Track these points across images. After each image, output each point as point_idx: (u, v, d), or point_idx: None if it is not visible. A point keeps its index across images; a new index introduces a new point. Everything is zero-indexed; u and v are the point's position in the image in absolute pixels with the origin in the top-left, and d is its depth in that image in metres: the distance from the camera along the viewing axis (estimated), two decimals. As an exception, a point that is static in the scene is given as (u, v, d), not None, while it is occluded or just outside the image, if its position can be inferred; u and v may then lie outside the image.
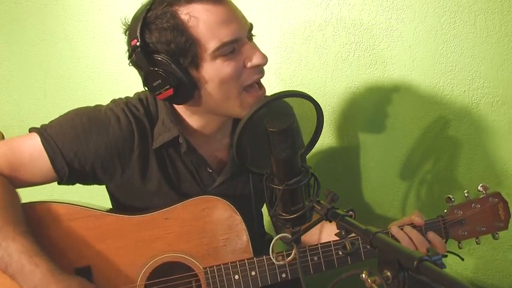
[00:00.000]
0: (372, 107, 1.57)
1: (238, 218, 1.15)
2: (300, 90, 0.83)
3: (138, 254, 1.13)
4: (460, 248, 1.21)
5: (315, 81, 1.60)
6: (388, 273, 0.67)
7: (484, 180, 1.22)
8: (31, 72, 1.86)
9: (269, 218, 1.45)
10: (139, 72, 1.08)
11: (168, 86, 1.02)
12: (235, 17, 1.04)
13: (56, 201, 1.14)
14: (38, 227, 1.09)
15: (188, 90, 1.04)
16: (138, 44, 1.01)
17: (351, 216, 0.76)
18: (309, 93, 0.78)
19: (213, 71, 1.03)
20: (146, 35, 1.02)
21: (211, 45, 1.01)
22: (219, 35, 1.01)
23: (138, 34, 1.01)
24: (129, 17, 1.07)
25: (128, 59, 1.07)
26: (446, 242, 1.19)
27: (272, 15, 1.58)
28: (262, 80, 1.12)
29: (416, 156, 1.57)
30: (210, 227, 1.15)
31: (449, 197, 1.19)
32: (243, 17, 1.07)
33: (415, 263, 0.63)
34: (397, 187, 1.62)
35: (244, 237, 1.16)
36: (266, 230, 1.47)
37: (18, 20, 1.82)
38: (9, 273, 1.01)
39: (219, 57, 1.02)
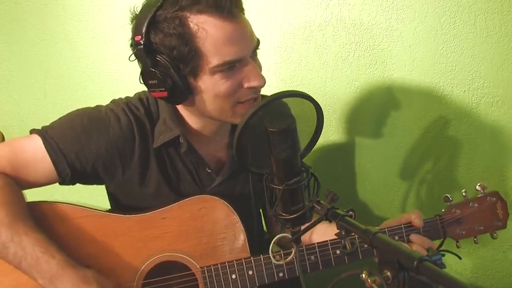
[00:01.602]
0: (371, 107, 1.57)
1: (235, 217, 1.15)
2: (300, 90, 0.83)
3: (135, 253, 1.13)
4: (458, 247, 1.21)
5: (315, 81, 1.60)
6: (388, 273, 0.67)
7: (484, 180, 1.22)
8: (31, 72, 1.86)
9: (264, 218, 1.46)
10: (139, 65, 1.08)
11: (163, 88, 1.02)
12: (242, 36, 1.03)
13: (56, 201, 1.14)
14: (38, 226, 1.09)
15: (183, 95, 1.05)
16: (141, 41, 1.01)
17: (350, 216, 0.76)
18: (309, 93, 0.77)
19: (210, 84, 1.03)
20: (151, 34, 1.01)
21: (213, 60, 1.01)
22: (222, 52, 1.00)
23: (143, 31, 1.00)
24: (138, 6, 1.05)
25: (130, 46, 1.06)
26: (444, 241, 1.20)
27: (272, 15, 1.58)
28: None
29: (416, 156, 1.57)
30: (208, 226, 1.15)
31: (447, 196, 1.20)
32: (251, 34, 1.06)
33: (415, 263, 0.63)
34: (397, 187, 1.62)
35: (242, 236, 1.16)
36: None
37: (18, 20, 1.82)
38: (23, 268, 1.02)
39: (218, 73, 1.02)
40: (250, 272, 1.14)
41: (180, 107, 1.14)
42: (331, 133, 1.64)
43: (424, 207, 1.59)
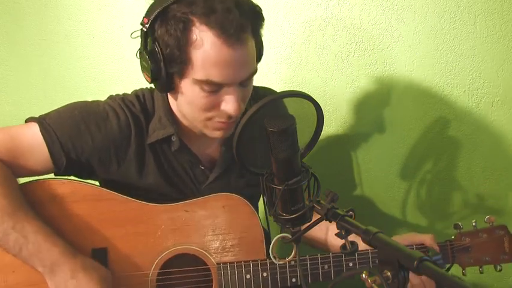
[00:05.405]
0: (371, 107, 1.57)
1: (256, 220, 1.17)
2: (300, 90, 0.83)
3: (155, 242, 1.14)
4: (463, 274, 1.22)
5: (315, 81, 1.60)
6: (388, 273, 0.67)
7: (484, 180, 1.22)
8: (31, 72, 1.86)
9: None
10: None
11: (149, 74, 1.04)
12: (235, 64, 1.02)
13: (80, 180, 1.16)
14: (61, 204, 1.11)
15: (164, 88, 1.07)
16: (146, 25, 1.03)
17: (351, 216, 0.76)
18: (309, 93, 0.77)
19: (189, 91, 1.05)
20: (157, 23, 1.02)
21: (198, 74, 1.01)
22: (209, 71, 1.00)
23: (151, 18, 1.01)
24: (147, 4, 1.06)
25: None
26: (451, 266, 1.21)
27: (272, 15, 1.58)
28: (263, 80, 1.11)
29: (416, 156, 1.57)
30: (228, 224, 1.17)
31: (457, 224, 1.21)
32: (247, 64, 1.04)
33: (415, 263, 0.63)
34: (397, 187, 1.62)
35: (260, 238, 1.17)
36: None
37: (18, 20, 1.82)
38: (24, 255, 1.04)
39: (200, 86, 1.03)
40: (265, 274, 1.15)
41: (173, 105, 1.15)
42: (331, 133, 1.64)
43: (424, 207, 1.60)
